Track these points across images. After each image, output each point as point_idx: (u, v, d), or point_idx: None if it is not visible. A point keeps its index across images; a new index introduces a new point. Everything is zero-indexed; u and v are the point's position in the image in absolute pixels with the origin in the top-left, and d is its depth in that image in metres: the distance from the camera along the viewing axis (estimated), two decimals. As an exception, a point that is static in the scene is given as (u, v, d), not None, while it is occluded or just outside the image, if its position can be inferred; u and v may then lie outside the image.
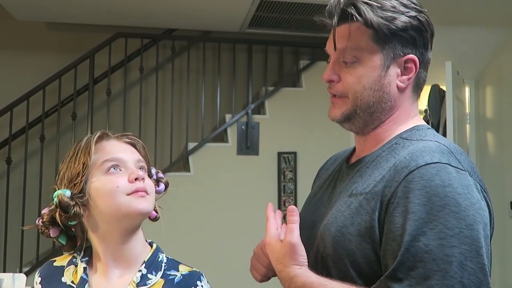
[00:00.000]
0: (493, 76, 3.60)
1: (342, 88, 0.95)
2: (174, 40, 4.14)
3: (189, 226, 3.69)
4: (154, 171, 1.07)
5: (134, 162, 1.01)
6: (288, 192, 3.98)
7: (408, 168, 0.83)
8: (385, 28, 0.90)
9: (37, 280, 1.05)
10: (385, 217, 0.83)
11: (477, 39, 3.56)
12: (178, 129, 4.20)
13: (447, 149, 0.87)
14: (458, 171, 0.82)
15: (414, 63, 0.93)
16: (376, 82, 0.92)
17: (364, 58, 0.92)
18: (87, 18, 4.01)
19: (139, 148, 1.05)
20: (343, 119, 0.96)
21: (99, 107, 4.13)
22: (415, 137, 0.92)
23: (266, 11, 3.83)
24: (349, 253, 0.85)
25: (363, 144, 1.00)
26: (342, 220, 0.88)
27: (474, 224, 0.78)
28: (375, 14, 0.90)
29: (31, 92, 3.75)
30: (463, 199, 0.79)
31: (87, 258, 1.04)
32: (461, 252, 0.77)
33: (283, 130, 4.04)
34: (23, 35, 4.20)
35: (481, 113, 3.69)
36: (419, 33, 0.93)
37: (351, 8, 0.91)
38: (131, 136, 1.06)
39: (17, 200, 3.69)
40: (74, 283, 1.01)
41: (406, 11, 0.91)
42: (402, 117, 0.96)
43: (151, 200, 1.01)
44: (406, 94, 0.96)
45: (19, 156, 3.84)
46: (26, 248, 3.63)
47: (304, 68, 4.22)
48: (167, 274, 1.02)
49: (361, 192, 0.89)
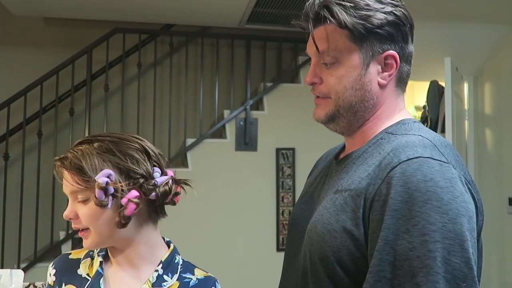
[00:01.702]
0: (492, 72, 3.60)
1: (325, 89, 0.96)
2: (172, 35, 4.12)
3: (186, 222, 3.68)
4: (104, 179, 0.95)
5: (69, 195, 0.99)
6: (286, 188, 3.98)
7: (391, 164, 0.83)
8: (360, 27, 0.90)
9: (51, 272, 1.05)
10: (370, 215, 0.82)
11: (476, 35, 3.56)
12: (176, 125, 4.20)
13: (430, 143, 0.86)
14: (441, 164, 0.82)
15: (394, 59, 0.93)
16: (356, 81, 0.93)
17: (343, 58, 0.92)
18: (85, 13, 3.99)
19: (69, 167, 0.97)
20: (327, 120, 0.97)
21: (97, 102, 4.11)
22: (400, 132, 0.92)
23: (265, 7, 3.82)
24: (335, 250, 0.84)
25: (351, 143, 1.00)
26: (327, 217, 0.88)
27: (458, 218, 0.78)
28: (348, 15, 0.90)
29: (29, 87, 3.73)
30: (445, 193, 0.78)
31: (104, 253, 1.05)
32: (444, 247, 0.75)
33: (282, 126, 4.04)
34: (20, 30, 4.18)
35: (480, 109, 3.69)
36: (397, 28, 0.92)
37: (324, 11, 0.92)
38: (63, 157, 0.99)
39: (15, 196, 3.68)
40: (89, 276, 1.02)
41: (381, 8, 0.91)
42: (386, 113, 0.96)
43: (91, 234, 0.98)
44: (388, 90, 0.95)
45: (17, 152, 3.83)
46: (24, 244, 3.62)
47: (303, 64, 4.22)
48: (182, 277, 1.02)
49: (345, 188, 0.88)
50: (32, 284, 1.54)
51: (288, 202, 3.97)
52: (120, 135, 1.02)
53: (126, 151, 0.98)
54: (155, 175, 1.00)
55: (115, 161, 0.97)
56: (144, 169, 0.98)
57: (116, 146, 0.98)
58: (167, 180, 1.00)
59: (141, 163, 0.99)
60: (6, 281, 1.00)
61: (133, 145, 1.00)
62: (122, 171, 0.97)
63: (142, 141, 1.02)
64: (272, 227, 3.95)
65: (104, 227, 0.97)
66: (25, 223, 3.63)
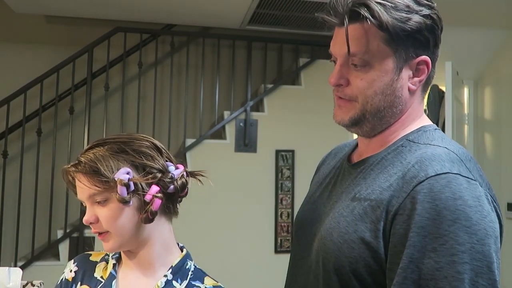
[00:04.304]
0: (492, 77, 3.60)
1: (351, 92, 0.90)
2: (173, 35, 4.12)
3: (185, 222, 3.68)
4: (125, 176, 0.95)
5: (87, 200, 0.99)
6: (286, 190, 3.97)
7: (417, 178, 0.80)
8: (399, 30, 0.84)
9: (73, 268, 1.07)
10: (391, 228, 0.80)
11: (477, 40, 3.56)
12: (176, 125, 4.19)
13: (456, 157, 0.82)
14: (469, 182, 0.79)
15: (427, 64, 0.89)
16: (388, 87, 0.88)
17: (375, 61, 0.86)
18: (86, 12, 3.98)
19: (85, 170, 0.97)
20: (351, 124, 0.91)
21: (97, 101, 4.11)
22: (422, 140, 0.88)
23: (267, 8, 3.82)
24: (352, 260, 0.82)
25: (367, 144, 0.95)
26: (344, 226, 0.85)
27: (486, 239, 0.76)
28: (389, 16, 0.84)
29: (29, 85, 3.72)
30: (474, 212, 0.76)
31: (117, 255, 1.06)
32: (472, 269, 0.74)
33: (282, 128, 4.04)
34: (21, 28, 4.18)
35: (480, 114, 3.69)
36: (432, 32, 0.88)
37: (363, 9, 0.84)
38: (77, 162, 0.99)
39: (13, 194, 3.67)
40: (103, 278, 1.03)
41: (419, 10, 0.86)
42: (410, 118, 0.92)
43: (111, 236, 0.99)
44: (416, 96, 0.92)
45: (16, 149, 3.82)
46: (21, 242, 3.61)
47: (304, 66, 4.21)
48: (191, 284, 1.02)
49: (365, 197, 0.85)
50: (30, 283, 1.53)
51: (287, 204, 3.97)
52: (129, 135, 1.03)
53: (138, 149, 0.99)
54: (170, 169, 1.01)
55: (129, 159, 0.98)
56: (160, 164, 1.00)
57: (127, 146, 0.99)
58: (182, 173, 1.02)
59: (155, 158, 1.00)
60: (4, 279, 0.99)
61: (144, 143, 1.01)
62: (138, 168, 0.98)
63: (150, 138, 1.04)
64: (270, 228, 3.94)
65: (124, 227, 0.97)
66: (22, 222, 3.62)
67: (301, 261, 0.96)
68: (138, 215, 0.98)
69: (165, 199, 1.00)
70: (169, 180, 1.00)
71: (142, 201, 0.97)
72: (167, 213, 1.04)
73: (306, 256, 0.94)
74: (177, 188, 1.01)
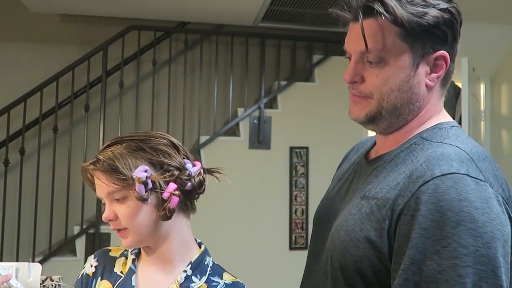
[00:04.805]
0: (508, 73, 3.55)
1: (366, 89, 0.88)
2: (187, 33, 4.13)
3: (200, 219, 3.68)
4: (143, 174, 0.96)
5: (106, 197, 1.00)
6: (300, 187, 3.97)
7: (423, 178, 0.78)
8: (415, 25, 0.82)
9: (93, 263, 1.08)
10: (396, 228, 0.78)
11: (494, 36, 3.51)
12: (190, 122, 4.21)
13: (467, 156, 0.80)
14: (477, 182, 0.76)
15: (445, 60, 0.86)
16: (404, 83, 0.85)
17: (391, 57, 0.84)
18: (100, 11, 4.01)
19: (103, 168, 0.97)
20: (367, 121, 0.89)
21: (112, 99, 4.14)
22: (435, 138, 0.86)
23: (280, 5, 3.81)
24: (356, 259, 0.81)
25: (383, 140, 0.94)
26: (351, 224, 0.84)
27: (492, 242, 0.73)
28: (405, 10, 0.81)
29: (45, 83, 3.77)
30: (480, 214, 0.73)
31: (137, 251, 1.07)
32: (476, 272, 0.71)
33: (296, 125, 4.03)
34: (37, 26, 4.22)
35: (496, 110, 3.65)
36: (451, 27, 0.85)
37: (377, 4, 0.82)
38: (95, 160, 0.99)
39: (30, 191, 3.72)
40: (122, 273, 1.04)
41: (436, 4, 0.83)
42: (428, 114, 0.90)
43: (130, 233, 1.00)
44: (434, 91, 0.89)
45: (33, 147, 3.87)
46: (39, 238, 3.66)
47: (317, 63, 4.20)
48: (210, 280, 1.03)
49: (373, 196, 0.84)
50: (49, 278, 1.56)
51: (301, 201, 3.96)
52: (146, 133, 1.03)
53: (156, 147, 1.00)
54: (187, 166, 1.02)
55: (147, 157, 0.98)
56: (177, 161, 1.00)
57: (145, 144, 1.00)
58: (199, 170, 1.03)
59: (173, 156, 1.00)
60: (24, 274, 1.01)
61: (161, 140, 1.01)
62: (156, 166, 0.99)
63: (167, 136, 1.04)
64: (285, 225, 3.94)
65: (143, 224, 0.98)
66: (40, 218, 3.67)
67: (316, 258, 0.95)
68: (156, 212, 0.99)
69: (183, 197, 1.00)
70: (186, 178, 1.00)
71: (160, 199, 0.98)
72: (185, 210, 1.05)
73: (321, 253, 0.93)
74: (195, 186, 1.01)
